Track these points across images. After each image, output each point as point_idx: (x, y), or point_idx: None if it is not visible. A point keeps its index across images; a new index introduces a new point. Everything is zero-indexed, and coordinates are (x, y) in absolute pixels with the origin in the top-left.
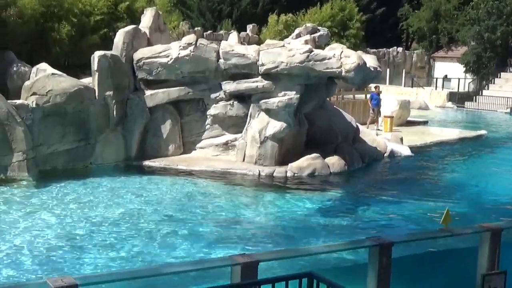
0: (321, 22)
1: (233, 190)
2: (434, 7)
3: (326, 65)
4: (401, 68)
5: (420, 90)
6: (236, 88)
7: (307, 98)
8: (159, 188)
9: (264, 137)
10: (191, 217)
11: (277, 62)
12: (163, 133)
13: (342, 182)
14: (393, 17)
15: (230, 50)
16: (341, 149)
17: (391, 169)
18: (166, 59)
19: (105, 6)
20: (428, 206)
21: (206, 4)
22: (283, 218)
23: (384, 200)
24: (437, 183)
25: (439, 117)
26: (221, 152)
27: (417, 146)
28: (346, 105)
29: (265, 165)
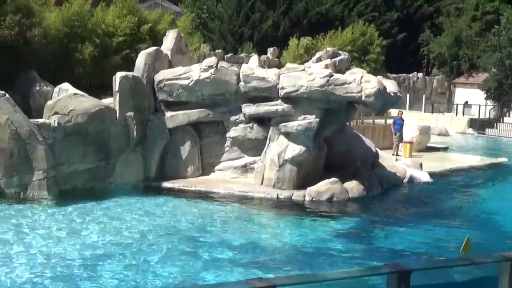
0: (342, 47)
1: (250, 213)
2: (456, 33)
3: (346, 89)
4: (421, 93)
5: (440, 116)
6: (256, 111)
7: (326, 122)
8: (177, 209)
9: (283, 160)
10: (208, 239)
11: (297, 86)
12: (182, 155)
13: (360, 207)
14: (413, 42)
15: (251, 73)
16: (360, 174)
17: (410, 195)
18: (187, 81)
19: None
20: (447, 233)
21: (228, 27)
22: (301, 242)
23: (402, 226)
24: (457, 210)
25: (460, 143)
26: (240, 174)
27: (436, 173)
28: (365, 130)
29: (283, 189)
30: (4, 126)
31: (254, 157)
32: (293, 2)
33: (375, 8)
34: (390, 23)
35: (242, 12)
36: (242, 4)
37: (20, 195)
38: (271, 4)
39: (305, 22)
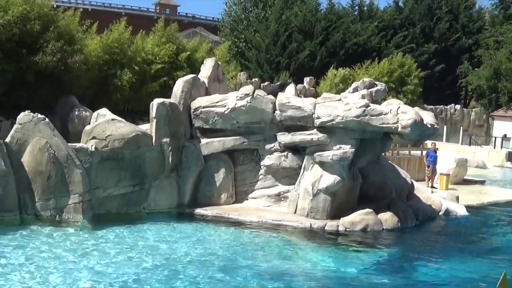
0: (378, 77)
1: (283, 242)
2: (495, 65)
3: (382, 120)
4: (459, 125)
5: (478, 148)
6: (291, 139)
7: (362, 152)
8: (209, 237)
9: (317, 189)
10: (240, 268)
11: (333, 116)
12: (216, 182)
13: (394, 239)
14: (451, 74)
15: (287, 102)
16: (394, 205)
17: (446, 228)
18: (223, 109)
19: (166, 55)
20: (484, 269)
21: (265, 56)
22: (333, 273)
23: (437, 260)
24: (494, 245)
25: (497, 176)
26: (273, 203)
27: (473, 206)
28: (401, 161)
29: (316, 218)
30: (43, 150)
31: (288, 186)
32: (330, 33)
33: (412, 40)
34: (428, 54)
35: (279, 42)
36: (279, 34)
37: (55, 217)
38: (308, 35)
39: (342, 53)
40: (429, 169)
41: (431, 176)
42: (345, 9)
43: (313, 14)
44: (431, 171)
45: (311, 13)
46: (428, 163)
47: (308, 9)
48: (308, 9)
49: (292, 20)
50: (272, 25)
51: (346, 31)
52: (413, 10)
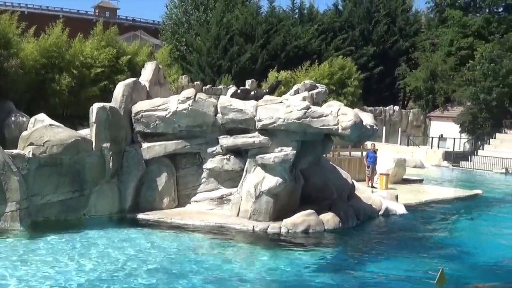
0: (319, 79)
1: (226, 245)
2: (431, 67)
3: (323, 122)
4: (398, 126)
5: (416, 148)
6: (233, 142)
7: (303, 154)
8: (151, 242)
9: (260, 192)
10: (182, 272)
11: (275, 118)
12: (158, 186)
13: (336, 239)
14: (390, 76)
15: (228, 105)
16: (336, 206)
17: (386, 227)
18: (164, 113)
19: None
20: (422, 265)
21: (206, 59)
22: (277, 274)
23: (378, 258)
24: (432, 242)
25: (435, 175)
26: (216, 206)
27: (412, 205)
28: (342, 162)
29: (259, 220)
30: None
31: (231, 188)
32: (271, 36)
33: (352, 43)
34: (367, 57)
35: (221, 45)
36: (221, 37)
37: None
38: (250, 38)
39: (283, 56)
40: (369, 170)
41: (371, 176)
42: (286, 12)
43: (254, 17)
44: (371, 172)
45: (252, 16)
46: (368, 163)
47: (249, 12)
48: (249, 12)
49: (233, 23)
50: (213, 28)
51: (287, 34)
52: (352, 13)
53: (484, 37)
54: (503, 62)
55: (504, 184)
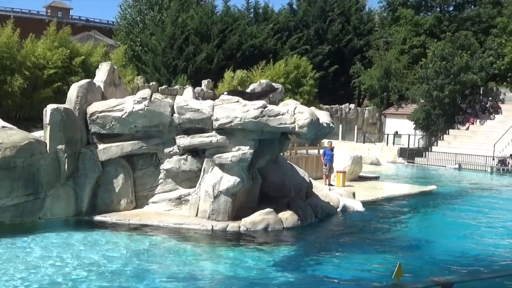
0: (275, 78)
1: (185, 246)
2: (385, 65)
3: (279, 120)
4: (353, 124)
5: (371, 145)
6: (190, 142)
7: (260, 153)
8: (109, 244)
9: (218, 191)
10: (142, 274)
11: (232, 117)
12: (115, 188)
13: (295, 237)
14: (345, 74)
15: (185, 105)
16: (294, 204)
17: (344, 224)
18: (120, 113)
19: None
20: (380, 260)
21: (162, 59)
22: (236, 273)
23: (336, 255)
24: (389, 238)
25: (390, 172)
26: (174, 207)
27: (369, 201)
28: (299, 160)
29: (218, 220)
30: None
31: (189, 189)
32: (227, 35)
33: (307, 42)
34: (322, 56)
35: (176, 45)
36: (176, 37)
37: None
38: (205, 38)
39: (239, 55)
40: (326, 167)
41: (328, 174)
42: (241, 11)
43: (209, 17)
44: (328, 169)
45: (207, 16)
46: (325, 161)
47: (204, 12)
48: (204, 12)
49: (189, 23)
50: (168, 28)
51: (242, 33)
52: (306, 12)
53: (435, 35)
54: (455, 59)
55: (458, 180)
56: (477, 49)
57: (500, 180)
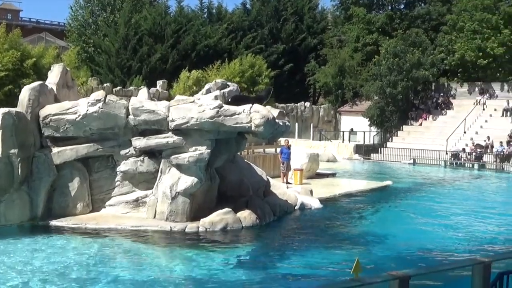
0: (230, 78)
1: (144, 248)
2: (339, 63)
3: (236, 120)
4: (309, 122)
5: (328, 143)
6: (146, 144)
7: (217, 153)
8: (66, 249)
9: (175, 192)
10: (100, 278)
11: (188, 118)
12: (71, 191)
13: (254, 236)
14: (300, 72)
15: (140, 106)
16: (252, 203)
17: (302, 221)
18: (74, 116)
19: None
20: (339, 256)
21: (115, 60)
22: (196, 274)
23: (295, 252)
24: (347, 233)
25: (347, 169)
26: (132, 209)
27: (326, 198)
28: (256, 159)
29: (176, 221)
30: None
31: (146, 190)
32: (181, 36)
33: (261, 41)
34: (277, 54)
35: (130, 45)
36: (129, 38)
37: None
38: (159, 38)
39: (194, 55)
40: (283, 166)
41: (285, 172)
42: (195, 12)
43: (163, 17)
44: (285, 167)
45: (161, 16)
46: (282, 159)
47: (158, 13)
48: (158, 13)
49: (142, 23)
50: (121, 29)
51: (196, 33)
52: (260, 12)
53: (387, 33)
54: (407, 56)
55: (413, 174)
56: (428, 46)
57: (453, 173)
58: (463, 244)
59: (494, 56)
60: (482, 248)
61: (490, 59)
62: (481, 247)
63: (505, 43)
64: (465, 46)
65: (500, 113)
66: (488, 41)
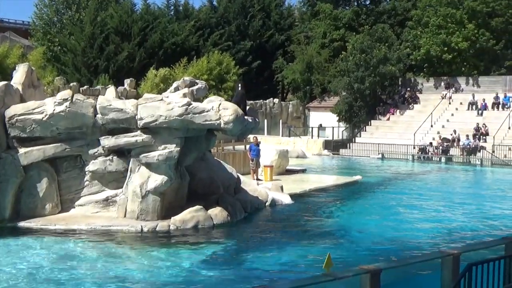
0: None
1: (115, 248)
2: (307, 59)
3: (205, 117)
4: (278, 118)
5: (297, 139)
6: (115, 143)
7: (187, 151)
8: (35, 250)
9: (146, 191)
10: (71, 279)
11: (156, 116)
12: (39, 192)
13: (225, 233)
14: (268, 69)
15: (108, 105)
16: (223, 200)
17: (273, 217)
18: (40, 116)
19: None
20: (310, 252)
21: (82, 59)
22: (169, 272)
23: (267, 248)
24: (318, 229)
25: (317, 164)
26: (102, 208)
27: (297, 194)
28: (226, 156)
29: (147, 220)
30: None
31: (116, 190)
32: (148, 33)
33: (229, 38)
34: (245, 51)
35: (96, 44)
36: (96, 37)
37: None
38: (126, 36)
39: (161, 53)
40: (253, 162)
41: (255, 168)
42: (161, 9)
43: (129, 15)
44: (255, 164)
45: (127, 14)
46: (252, 156)
47: (124, 10)
48: (124, 10)
49: (108, 21)
50: (87, 27)
51: (163, 31)
52: (227, 8)
53: (354, 29)
54: (373, 52)
55: (381, 169)
56: (394, 41)
57: (421, 167)
58: (433, 236)
59: (459, 50)
60: (451, 239)
61: (455, 54)
62: (450, 238)
63: (469, 37)
64: (430, 41)
65: (465, 106)
66: (452, 36)
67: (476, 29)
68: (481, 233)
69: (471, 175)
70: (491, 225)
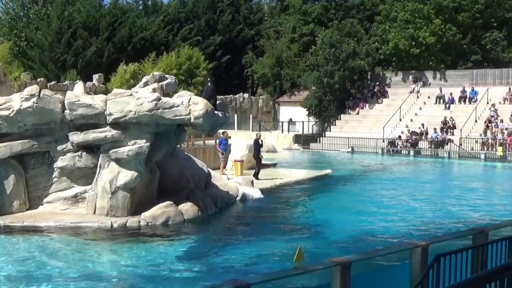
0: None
1: (85, 244)
2: (276, 54)
3: (174, 112)
4: (248, 113)
5: (267, 133)
6: (83, 138)
7: (157, 146)
8: (2, 248)
9: (115, 187)
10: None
11: (125, 111)
12: (6, 189)
13: (196, 228)
14: (238, 64)
15: (76, 101)
16: (193, 195)
17: (244, 212)
18: (7, 112)
19: None
20: (281, 245)
21: (49, 54)
22: (139, 269)
23: (238, 243)
24: (289, 223)
25: (287, 159)
26: (71, 205)
27: (267, 188)
28: (196, 151)
29: (117, 216)
30: None
31: (85, 186)
32: (116, 28)
33: (198, 32)
34: (214, 46)
35: (64, 39)
36: (63, 31)
37: None
38: (94, 31)
39: (130, 48)
40: (223, 156)
41: (225, 162)
42: (130, 4)
43: (97, 10)
44: (225, 158)
45: (95, 9)
46: (221, 150)
47: (91, 5)
48: (91, 5)
49: (76, 16)
50: (54, 22)
51: (132, 26)
52: (196, 3)
53: (323, 23)
54: (343, 46)
55: (351, 162)
56: (363, 36)
57: (390, 160)
58: (402, 228)
59: (426, 45)
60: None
61: (422, 48)
62: (419, 229)
63: (436, 32)
64: (399, 36)
65: (433, 100)
66: (420, 31)
67: (443, 24)
68: (449, 225)
69: (439, 168)
70: (459, 216)
